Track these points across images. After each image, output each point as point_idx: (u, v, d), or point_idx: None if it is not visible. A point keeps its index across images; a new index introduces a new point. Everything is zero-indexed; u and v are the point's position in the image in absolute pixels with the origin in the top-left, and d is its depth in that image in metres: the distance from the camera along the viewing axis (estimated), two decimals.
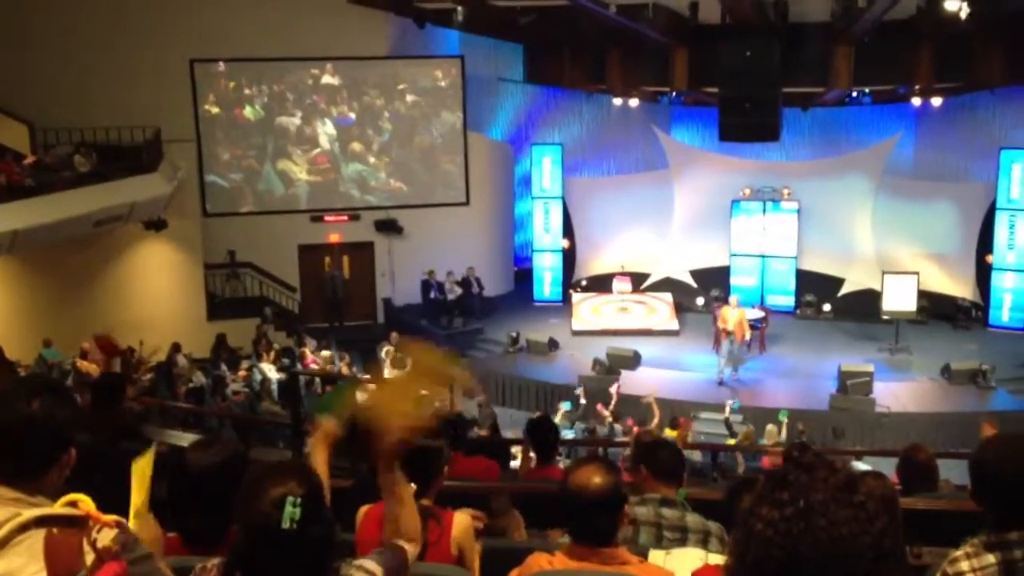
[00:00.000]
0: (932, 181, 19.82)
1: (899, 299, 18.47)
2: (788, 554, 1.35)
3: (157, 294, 18.35)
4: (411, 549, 2.56)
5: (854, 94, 19.09)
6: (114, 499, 2.17)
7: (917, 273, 18.79)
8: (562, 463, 7.20)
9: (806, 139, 21.09)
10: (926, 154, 20.20)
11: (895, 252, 19.94)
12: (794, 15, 17.38)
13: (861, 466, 9.85)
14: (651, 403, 13.72)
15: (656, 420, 13.19)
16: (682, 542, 3.72)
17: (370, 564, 2.24)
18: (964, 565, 2.54)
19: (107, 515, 1.83)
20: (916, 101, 18.70)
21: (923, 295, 18.87)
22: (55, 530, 1.81)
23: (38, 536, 1.84)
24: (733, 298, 17.93)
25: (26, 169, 15.71)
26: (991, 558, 2.53)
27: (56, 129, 17.20)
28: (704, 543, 3.75)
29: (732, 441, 13.03)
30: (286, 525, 1.96)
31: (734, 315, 17.05)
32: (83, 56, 17.70)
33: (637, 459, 4.31)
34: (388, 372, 16.21)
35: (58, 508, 1.83)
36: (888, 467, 6.46)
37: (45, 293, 17.19)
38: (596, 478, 2.95)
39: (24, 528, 1.79)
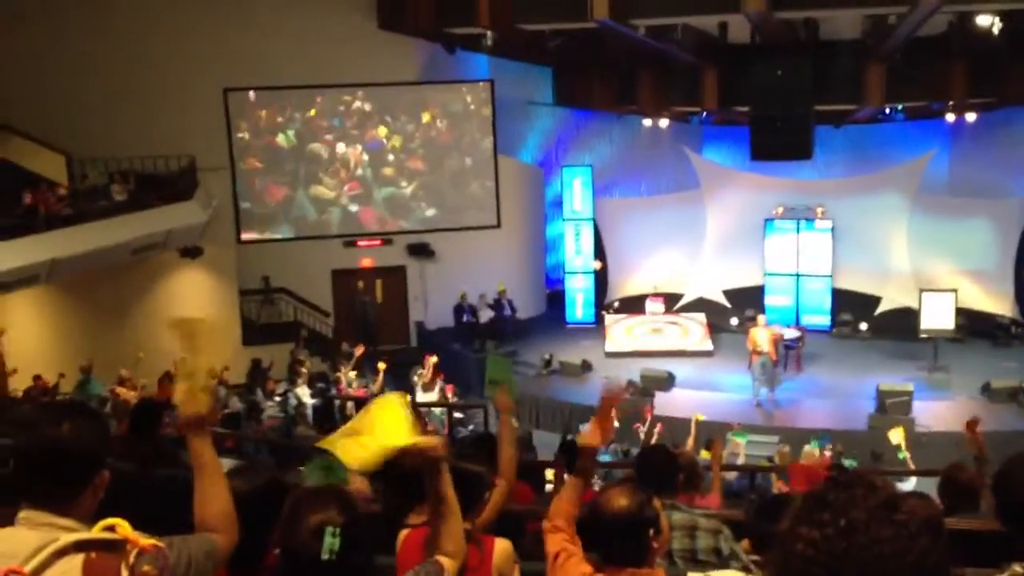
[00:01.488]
0: (968, 197, 19.61)
1: (937, 317, 18.25)
2: (829, 574, 1.33)
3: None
4: (449, 566, 2.55)
5: (887, 111, 18.98)
6: (151, 524, 2.18)
7: (955, 290, 18.57)
8: (597, 486, 7.15)
9: (839, 156, 20.95)
10: (961, 170, 20.01)
11: (932, 269, 19.73)
12: (825, 33, 17.36)
13: (905, 487, 9.71)
14: (692, 423, 13.60)
15: (691, 440, 13.07)
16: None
17: None
18: None
19: (145, 538, 1.84)
20: (950, 117, 18.55)
21: (961, 313, 18.63)
22: (93, 555, 1.82)
23: (73, 560, 1.85)
24: (761, 318, 17.77)
25: (63, 199, 15.94)
26: None
27: (92, 159, 17.44)
28: (690, 536, 3.87)
29: (707, 453, 12.75)
30: (325, 556, 1.96)
31: (763, 335, 16.90)
32: (118, 86, 17.96)
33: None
34: (420, 396, 16.22)
35: (96, 532, 1.84)
36: (929, 488, 6.36)
37: (82, 321, 17.41)
38: (623, 500, 2.99)
39: (62, 552, 1.81)
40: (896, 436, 12.62)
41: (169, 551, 2.08)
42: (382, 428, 2.72)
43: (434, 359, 17.09)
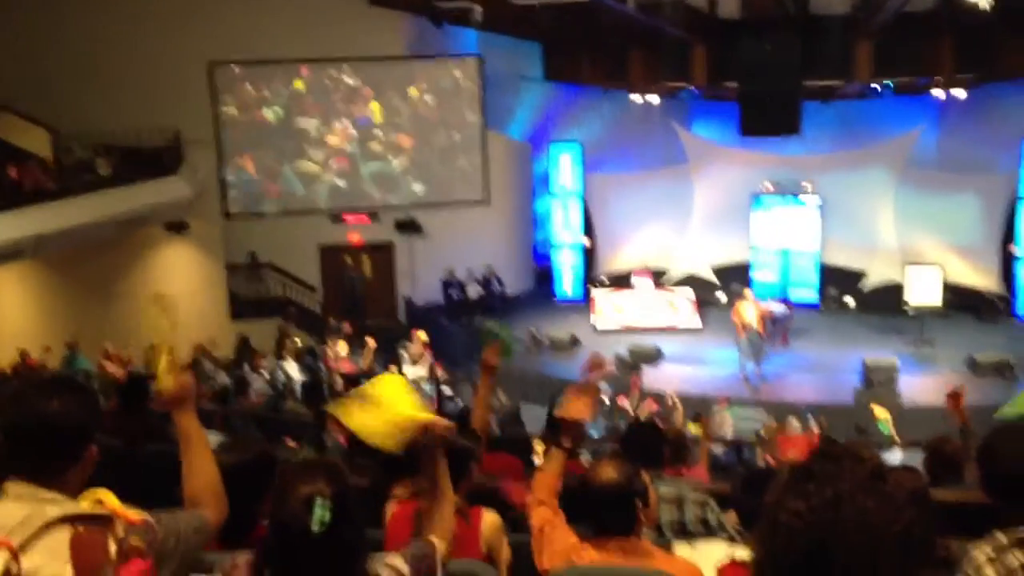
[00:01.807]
0: (955, 173, 19.63)
1: (923, 292, 18.34)
2: (816, 544, 1.34)
3: (180, 295, 18.32)
4: (441, 546, 2.56)
5: (875, 86, 18.95)
6: (140, 499, 2.18)
7: (941, 266, 18.65)
8: (584, 458, 7.18)
9: (827, 132, 20.91)
10: (949, 146, 20.02)
11: (919, 245, 19.79)
12: (814, 8, 17.33)
13: (893, 460, 9.79)
14: (675, 401, 13.67)
15: (679, 414, 13.14)
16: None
17: (397, 562, 2.25)
18: (990, 572, 2.43)
19: (132, 512, 1.84)
20: (938, 93, 18.55)
21: (947, 288, 18.72)
22: (81, 528, 1.82)
23: (61, 534, 1.85)
24: (748, 292, 17.82)
25: (48, 173, 15.85)
26: (1014, 559, 2.43)
27: (77, 133, 17.31)
28: (679, 507, 3.94)
29: (693, 426, 12.80)
30: (316, 527, 1.97)
31: (751, 309, 16.95)
32: (103, 60, 17.82)
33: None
34: (408, 370, 16.24)
35: (84, 506, 1.84)
36: (915, 460, 6.41)
37: (68, 296, 17.34)
38: (611, 472, 3.03)
39: (49, 526, 1.80)
40: (881, 412, 12.73)
41: (157, 526, 2.08)
42: (391, 403, 2.72)
43: (423, 335, 17.11)
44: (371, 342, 16.58)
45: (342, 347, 17.10)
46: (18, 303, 17.13)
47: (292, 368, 16.23)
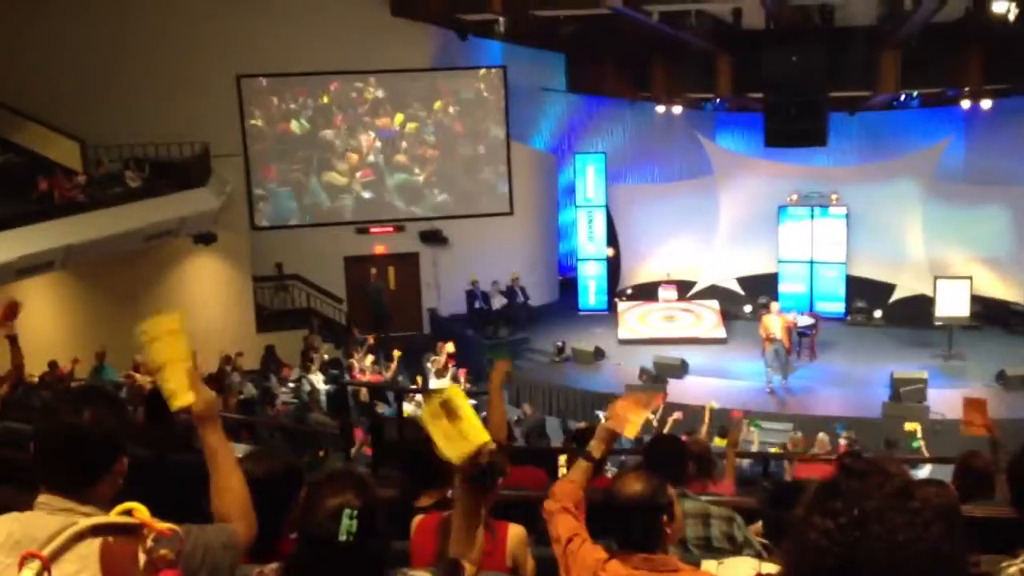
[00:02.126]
0: (983, 184, 19.48)
1: (952, 304, 18.17)
2: (844, 563, 1.33)
3: (207, 306, 18.58)
4: (471, 570, 2.56)
5: (902, 97, 18.85)
6: (167, 509, 2.20)
7: (970, 278, 18.47)
8: (610, 472, 7.16)
9: (854, 143, 20.84)
10: (977, 157, 19.87)
11: (947, 257, 19.62)
12: (839, 19, 17.25)
13: (921, 474, 9.69)
14: (707, 411, 13.58)
15: (705, 428, 13.07)
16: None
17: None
18: None
19: (162, 523, 1.85)
20: (965, 104, 18.42)
21: (976, 300, 18.54)
22: (111, 539, 1.83)
23: (91, 544, 1.87)
24: (774, 305, 17.75)
25: (78, 185, 16.01)
26: None
27: (106, 145, 17.49)
28: (705, 525, 3.87)
29: (720, 441, 12.74)
30: (343, 538, 1.99)
31: (776, 322, 16.88)
32: (133, 73, 18.00)
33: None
34: (433, 381, 16.26)
35: (113, 517, 1.85)
36: (944, 476, 6.35)
37: (97, 307, 17.48)
38: (637, 485, 2.99)
39: (80, 537, 1.82)
40: (911, 425, 12.61)
41: (186, 538, 2.10)
42: (469, 417, 2.67)
43: (450, 346, 17.14)
44: (397, 352, 16.66)
45: (368, 359, 17.17)
46: (47, 314, 17.29)
47: (317, 379, 16.30)
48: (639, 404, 3.45)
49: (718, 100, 20.00)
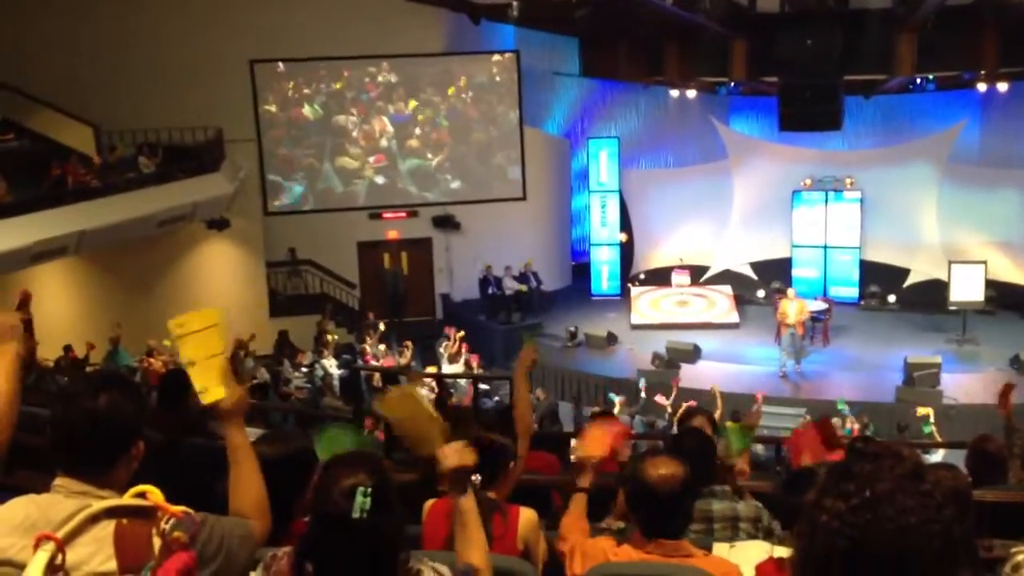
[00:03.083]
0: (998, 168, 19.36)
1: (966, 289, 18.09)
2: (855, 545, 1.33)
3: (220, 292, 18.64)
4: (485, 574, 2.56)
5: (918, 81, 18.71)
6: (180, 493, 2.21)
7: (985, 262, 18.38)
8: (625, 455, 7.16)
9: (869, 127, 20.73)
10: (992, 140, 19.73)
11: (962, 241, 19.53)
12: (855, 2, 17.13)
13: (933, 459, 9.66)
14: (716, 394, 13.60)
15: (719, 412, 13.07)
16: (708, 532, 3.72)
17: (443, 568, 2.25)
18: None
19: (175, 506, 1.86)
20: (981, 87, 18.28)
21: (991, 284, 18.46)
22: (124, 521, 1.85)
23: (106, 527, 1.88)
24: (791, 290, 17.76)
25: (91, 170, 16.06)
26: None
27: (120, 131, 17.53)
28: (734, 528, 3.75)
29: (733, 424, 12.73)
30: (356, 515, 2.00)
31: (793, 307, 16.85)
32: (145, 58, 18.02)
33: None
34: (446, 367, 16.30)
35: (127, 499, 1.87)
36: (958, 460, 6.34)
37: (110, 293, 17.57)
38: (668, 469, 2.94)
39: (95, 519, 1.84)
40: (924, 410, 12.58)
41: (203, 526, 2.11)
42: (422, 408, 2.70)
43: (461, 333, 17.19)
44: (409, 345, 16.78)
45: (380, 345, 17.24)
46: (62, 299, 17.39)
47: (330, 364, 16.37)
48: (606, 433, 3.50)
49: (732, 84, 19.89)
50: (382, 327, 18.17)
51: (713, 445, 4.39)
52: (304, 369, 16.40)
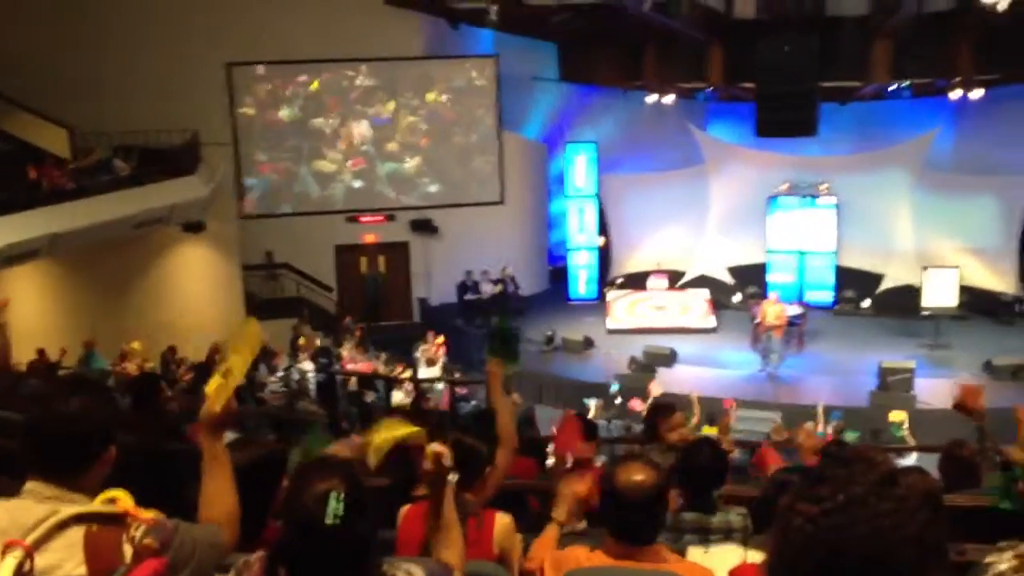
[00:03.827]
0: (972, 175, 19.54)
1: (940, 294, 18.25)
2: (829, 549, 1.33)
3: (196, 296, 18.53)
4: (457, 575, 2.56)
5: (893, 88, 18.87)
6: (156, 498, 2.19)
7: (958, 268, 18.56)
8: (598, 461, 7.16)
9: (844, 134, 20.85)
10: (966, 148, 19.91)
11: (935, 247, 19.70)
12: (831, 8, 17.25)
13: (905, 463, 9.73)
14: (693, 400, 13.62)
15: (696, 419, 13.10)
16: (705, 543, 3.70)
17: (416, 570, 2.24)
18: None
19: (145, 512, 1.85)
20: (955, 94, 18.46)
21: (964, 290, 18.63)
22: (94, 527, 1.83)
23: (76, 533, 1.86)
24: (773, 294, 17.92)
25: (66, 172, 15.92)
26: None
27: (95, 133, 17.39)
28: (729, 539, 3.74)
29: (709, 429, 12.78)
30: (329, 520, 1.98)
31: (772, 310, 17.01)
32: (121, 60, 17.90)
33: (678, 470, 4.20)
34: (423, 371, 16.27)
35: (97, 505, 1.85)
36: (930, 465, 6.36)
37: (84, 296, 17.42)
38: (642, 476, 2.93)
39: (63, 525, 1.82)
40: (898, 416, 12.67)
41: (175, 534, 2.10)
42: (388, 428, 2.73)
43: (440, 339, 17.17)
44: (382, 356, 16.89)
45: (358, 350, 17.20)
46: (35, 302, 17.23)
47: (307, 368, 16.29)
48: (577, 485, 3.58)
49: (710, 90, 19.99)
50: (358, 334, 18.11)
51: (726, 458, 4.28)
52: (280, 373, 16.31)
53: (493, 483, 3.97)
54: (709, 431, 11.76)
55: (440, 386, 15.28)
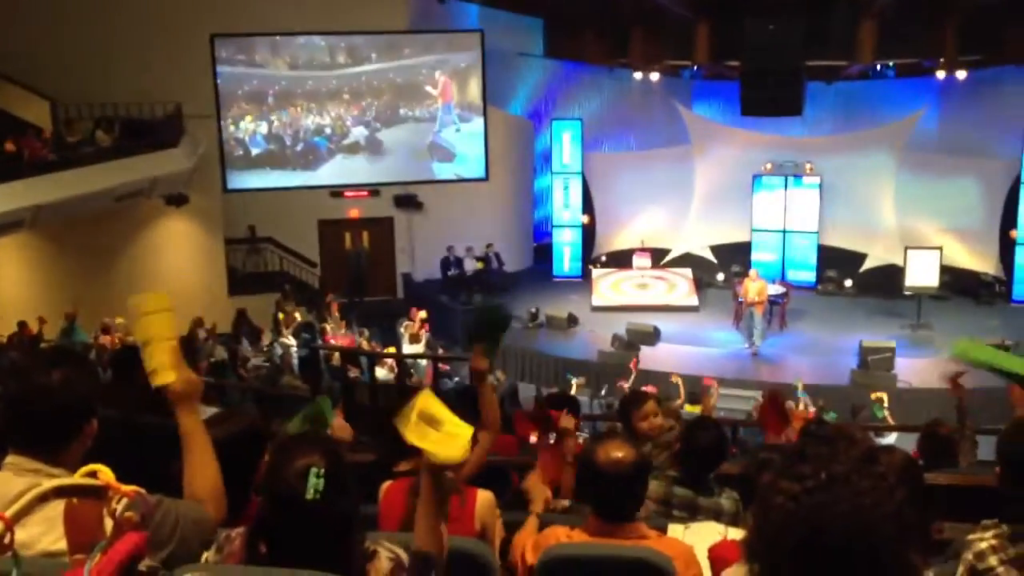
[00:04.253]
0: (956, 156, 19.60)
1: (922, 274, 18.33)
2: (810, 526, 1.34)
3: (178, 269, 18.45)
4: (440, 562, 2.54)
5: (878, 68, 18.88)
6: (137, 471, 2.18)
7: (940, 248, 18.64)
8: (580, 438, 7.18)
9: (829, 113, 20.88)
10: (950, 129, 19.97)
11: (918, 227, 19.78)
12: None
13: (885, 442, 9.80)
14: (677, 383, 13.68)
15: (680, 400, 13.16)
16: (691, 521, 3.72)
17: (398, 549, 2.23)
18: (993, 560, 2.48)
19: (126, 485, 1.84)
20: (940, 75, 18.49)
21: (946, 270, 18.73)
22: (75, 500, 1.82)
23: (56, 506, 1.85)
24: (753, 271, 17.98)
25: (48, 144, 15.78)
26: (1014, 550, 2.48)
27: (78, 104, 17.23)
28: (716, 521, 3.75)
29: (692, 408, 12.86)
30: (310, 496, 1.98)
31: (754, 287, 17.13)
32: (104, 31, 17.69)
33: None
34: (406, 348, 16.26)
35: (77, 478, 1.84)
36: (909, 443, 6.43)
37: (66, 268, 17.33)
38: (621, 453, 2.93)
39: (44, 498, 1.81)
40: (878, 395, 12.76)
41: (157, 509, 2.09)
42: (448, 419, 2.57)
43: (423, 313, 17.15)
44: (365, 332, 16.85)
45: (340, 324, 17.19)
46: (16, 274, 17.14)
47: (290, 343, 16.27)
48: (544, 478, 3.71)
49: (696, 68, 19.95)
50: (334, 310, 18.05)
51: (727, 440, 4.33)
52: (264, 348, 16.30)
53: (474, 461, 3.97)
54: (692, 410, 11.83)
55: (423, 363, 15.28)
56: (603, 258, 21.99)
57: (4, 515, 1.70)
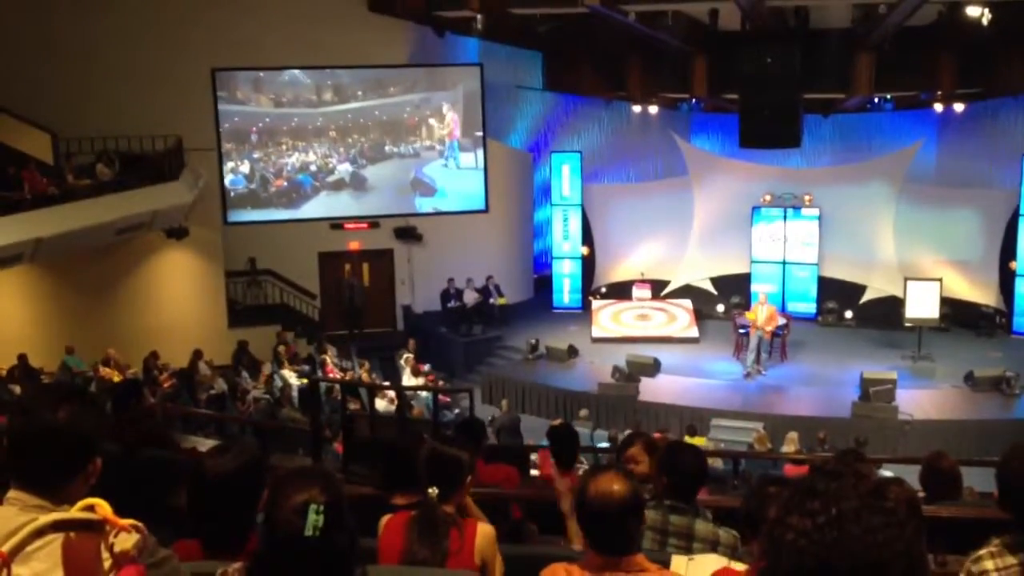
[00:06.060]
0: (954, 187, 19.66)
1: (922, 306, 18.31)
2: (821, 563, 1.33)
3: (179, 302, 18.44)
4: None
5: (876, 100, 18.99)
6: (136, 505, 2.17)
7: (940, 280, 18.64)
8: (582, 470, 7.15)
9: (827, 145, 20.98)
10: (948, 160, 20.05)
11: (917, 259, 19.78)
12: (815, 21, 17.38)
13: (886, 474, 9.76)
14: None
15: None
16: (687, 550, 3.69)
17: None
18: (988, 564, 2.59)
19: (125, 519, 1.82)
20: (938, 107, 18.59)
21: (946, 302, 18.70)
22: (72, 535, 1.80)
23: (54, 541, 1.84)
24: (762, 295, 18.09)
25: (49, 177, 15.82)
26: (1013, 559, 2.58)
27: (79, 138, 17.30)
28: (712, 551, 3.73)
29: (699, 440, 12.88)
30: (309, 532, 1.95)
31: (765, 311, 17.19)
32: (106, 65, 17.81)
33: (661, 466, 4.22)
34: (406, 379, 16.23)
35: (75, 512, 1.82)
36: (912, 475, 6.38)
37: (67, 301, 17.32)
38: (616, 486, 2.90)
39: (40, 533, 1.79)
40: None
41: (157, 551, 2.06)
42: None
43: (411, 343, 17.16)
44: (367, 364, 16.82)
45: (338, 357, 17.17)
46: (17, 307, 17.13)
47: (290, 375, 16.24)
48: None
49: (694, 101, 20.06)
50: (331, 350, 18.05)
51: (707, 464, 4.33)
52: (263, 380, 16.27)
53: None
54: (691, 441, 11.78)
55: (424, 394, 15.25)
56: (603, 289, 21.99)
57: (2, 551, 1.69)
